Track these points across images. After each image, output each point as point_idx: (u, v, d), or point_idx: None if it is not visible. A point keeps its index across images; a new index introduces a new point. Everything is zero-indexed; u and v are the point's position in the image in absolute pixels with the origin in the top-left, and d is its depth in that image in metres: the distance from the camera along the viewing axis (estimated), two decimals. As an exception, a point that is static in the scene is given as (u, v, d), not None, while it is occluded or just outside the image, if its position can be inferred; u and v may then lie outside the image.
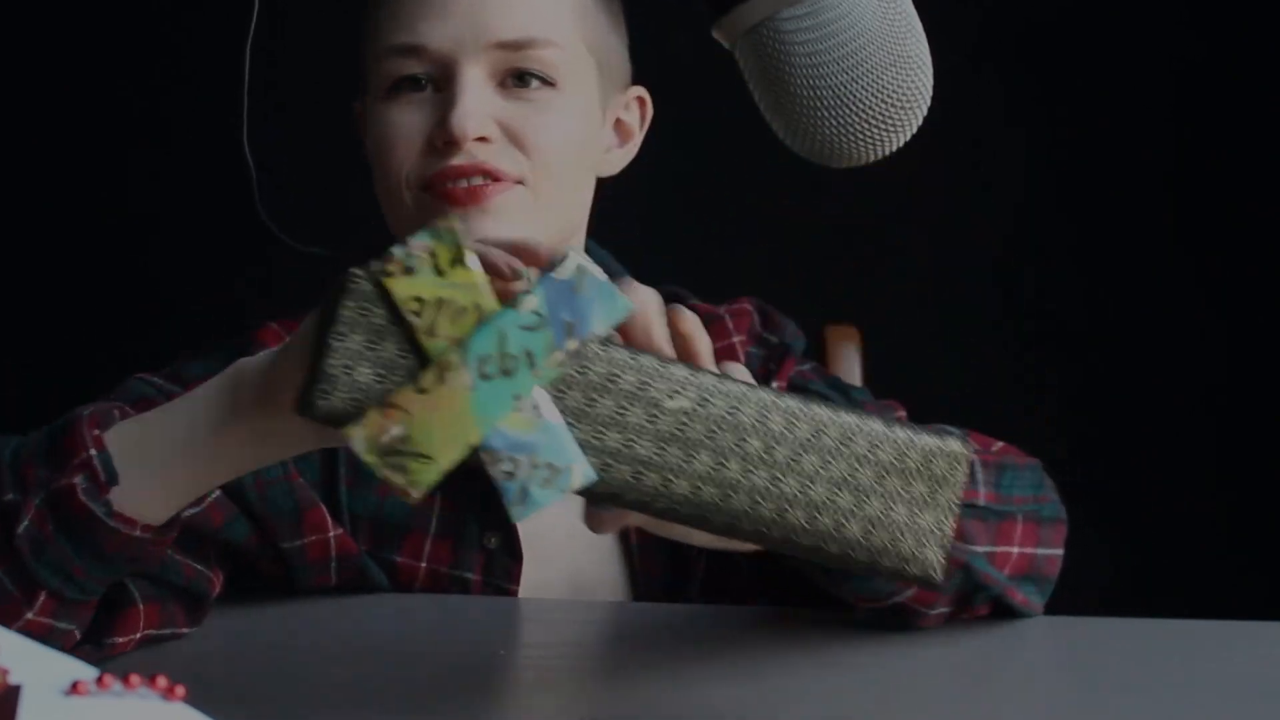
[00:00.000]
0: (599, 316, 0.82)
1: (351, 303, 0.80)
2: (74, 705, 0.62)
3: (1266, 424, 2.23)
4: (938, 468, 0.88)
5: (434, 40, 1.13)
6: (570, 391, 0.83)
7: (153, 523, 0.93)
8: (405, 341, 0.81)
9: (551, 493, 0.81)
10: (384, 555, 1.16)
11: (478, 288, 0.81)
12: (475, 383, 0.80)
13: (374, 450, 0.79)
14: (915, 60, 0.92)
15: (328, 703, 0.97)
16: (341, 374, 0.80)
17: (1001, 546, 1.09)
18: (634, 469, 0.84)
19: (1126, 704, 1.01)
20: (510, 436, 0.80)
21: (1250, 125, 2.22)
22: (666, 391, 0.85)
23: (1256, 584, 2.12)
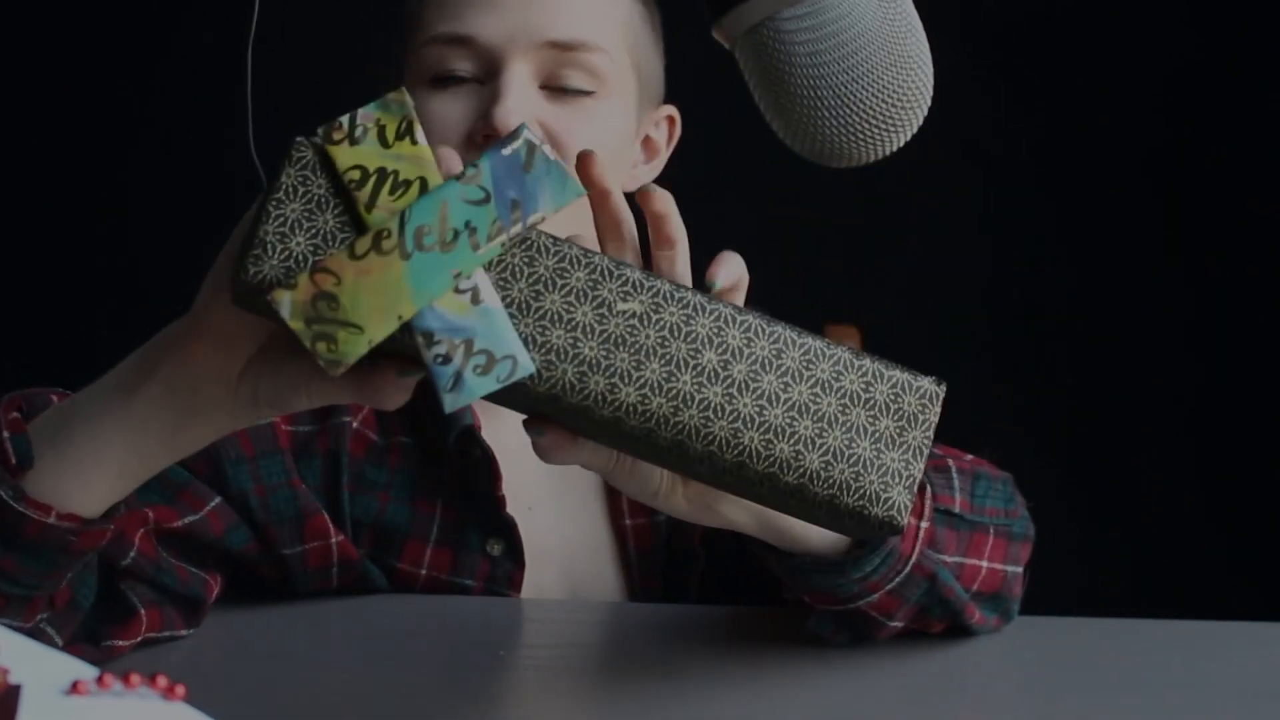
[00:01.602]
0: (547, 197, 0.78)
1: (293, 169, 0.77)
2: (74, 705, 0.62)
3: (1266, 424, 2.24)
4: (908, 404, 0.84)
5: (484, 32, 1.13)
6: (516, 282, 0.79)
7: (79, 512, 0.88)
8: (345, 213, 0.77)
9: (488, 382, 0.76)
10: (385, 561, 1.16)
11: (423, 161, 0.77)
12: (412, 252, 0.75)
13: (301, 316, 0.75)
14: (916, 60, 0.92)
15: (328, 703, 0.97)
16: (277, 241, 0.76)
17: (971, 559, 1.04)
18: (578, 369, 0.80)
19: (1126, 704, 1.01)
20: (447, 318, 0.76)
21: (1247, 123, 2.22)
22: (618, 293, 0.81)
23: (1256, 584, 2.12)
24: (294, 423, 1.14)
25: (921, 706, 1.01)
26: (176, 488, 1.07)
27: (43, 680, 0.62)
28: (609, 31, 1.16)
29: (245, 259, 0.77)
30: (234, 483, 1.09)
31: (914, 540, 1.00)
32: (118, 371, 0.89)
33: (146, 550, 1.03)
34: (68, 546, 0.89)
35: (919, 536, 1.00)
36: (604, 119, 1.15)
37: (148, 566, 1.02)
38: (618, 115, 1.17)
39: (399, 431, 1.17)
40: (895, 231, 2.24)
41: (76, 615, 0.97)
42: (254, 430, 1.11)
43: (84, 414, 0.88)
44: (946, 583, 1.03)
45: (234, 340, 0.84)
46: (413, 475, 1.17)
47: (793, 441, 0.82)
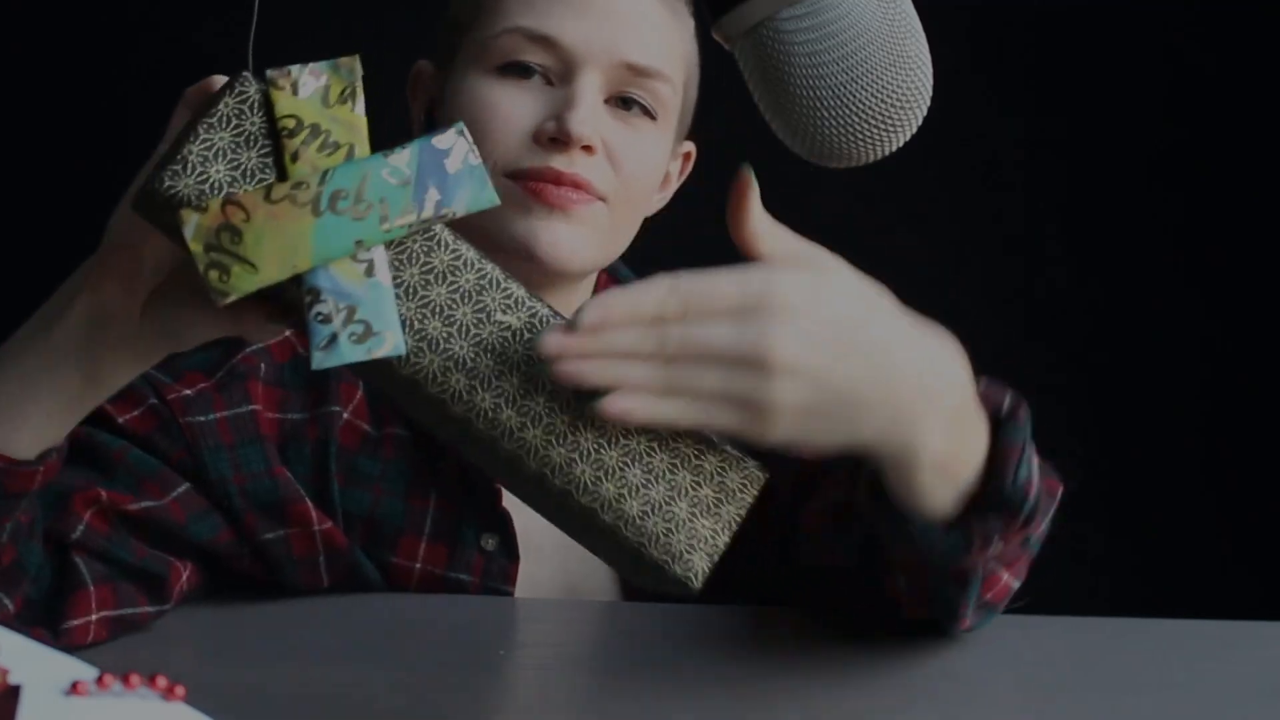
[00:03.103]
0: (463, 197, 0.81)
1: (232, 100, 0.80)
2: (74, 705, 0.62)
3: (1267, 424, 2.23)
4: (731, 481, 0.87)
5: (567, 37, 1.13)
6: (410, 267, 0.82)
7: (12, 454, 0.91)
8: (268, 156, 0.80)
9: (358, 350, 0.79)
10: (378, 555, 1.16)
11: (357, 130, 0.80)
12: (324, 210, 0.78)
13: (202, 240, 0.77)
14: (915, 60, 0.92)
15: (327, 703, 0.97)
16: (198, 162, 0.79)
17: (1003, 569, 1.04)
18: (444, 363, 0.83)
19: (1126, 704, 1.01)
20: (338, 282, 0.79)
21: (1253, 124, 2.22)
22: (500, 304, 0.84)
23: (1256, 584, 2.12)
24: (282, 410, 1.14)
25: (921, 706, 1.01)
26: (139, 476, 1.08)
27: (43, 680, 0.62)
28: (676, 64, 1.17)
29: (164, 170, 0.79)
30: (213, 469, 1.10)
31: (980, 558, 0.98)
32: (37, 315, 0.92)
33: (98, 526, 1.04)
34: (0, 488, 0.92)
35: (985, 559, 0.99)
36: (655, 145, 1.17)
37: (99, 541, 1.04)
38: (666, 144, 1.19)
39: (392, 423, 1.17)
40: (895, 231, 2.23)
41: (22, 580, 0.98)
42: (234, 419, 1.11)
43: (8, 355, 0.92)
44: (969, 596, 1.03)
45: (138, 273, 0.88)
46: (406, 468, 1.17)
47: (619, 485, 0.85)
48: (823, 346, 0.83)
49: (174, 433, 1.10)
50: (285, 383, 1.15)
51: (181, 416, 1.10)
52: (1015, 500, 0.95)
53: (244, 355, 1.14)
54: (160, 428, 1.10)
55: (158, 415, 1.10)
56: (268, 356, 1.15)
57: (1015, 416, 0.96)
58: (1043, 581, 1.14)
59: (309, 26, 1.90)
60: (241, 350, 1.15)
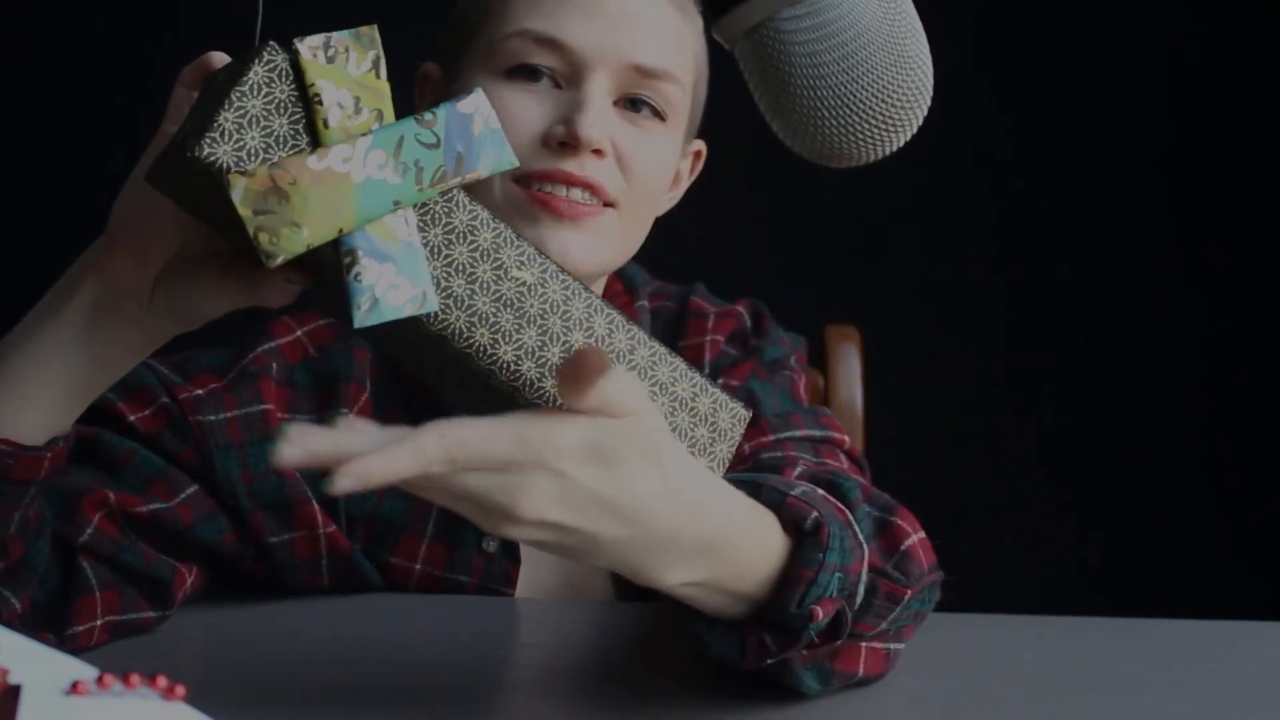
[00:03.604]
0: (486, 159, 0.84)
1: (263, 69, 0.81)
2: (74, 705, 0.62)
3: (1267, 424, 2.24)
4: (722, 420, 0.92)
5: (576, 40, 1.12)
6: (433, 228, 0.85)
7: (19, 439, 0.91)
8: (301, 123, 0.81)
9: (396, 309, 0.81)
10: (379, 556, 1.16)
11: (383, 95, 0.82)
12: (365, 173, 0.81)
13: (251, 204, 0.79)
14: (915, 60, 0.92)
15: (326, 703, 0.97)
16: (233, 129, 0.80)
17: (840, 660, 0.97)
18: (469, 319, 0.86)
19: (1126, 704, 1.01)
20: (375, 242, 0.81)
21: (1255, 125, 2.22)
22: (515, 260, 0.87)
23: (1256, 584, 2.12)
24: (291, 411, 1.14)
25: (921, 706, 1.01)
26: (146, 477, 1.08)
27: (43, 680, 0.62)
28: (685, 64, 1.17)
29: (201, 138, 0.80)
30: (221, 469, 1.10)
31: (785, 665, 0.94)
32: (45, 299, 0.92)
33: (107, 529, 1.04)
34: (8, 472, 0.91)
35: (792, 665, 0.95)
36: (665, 145, 1.16)
37: (107, 545, 1.03)
38: (675, 144, 1.18)
39: (396, 425, 1.17)
40: (895, 231, 2.24)
41: (30, 579, 0.98)
42: (244, 418, 1.11)
43: (16, 340, 0.92)
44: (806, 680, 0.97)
45: (147, 251, 0.89)
46: None
47: None
48: (573, 505, 0.79)
49: (183, 431, 1.10)
50: (295, 383, 1.15)
51: (191, 415, 1.10)
52: (796, 624, 0.90)
53: (255, 355, 1.15)
54: (170, 426, 1.10)
55: (168, 414, 1.10)
56: (279, 357, 1.15)
57: (817, 536, 0.90)
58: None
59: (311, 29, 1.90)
60: (253, 350, 1.15)
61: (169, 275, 0.89)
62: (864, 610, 0.94)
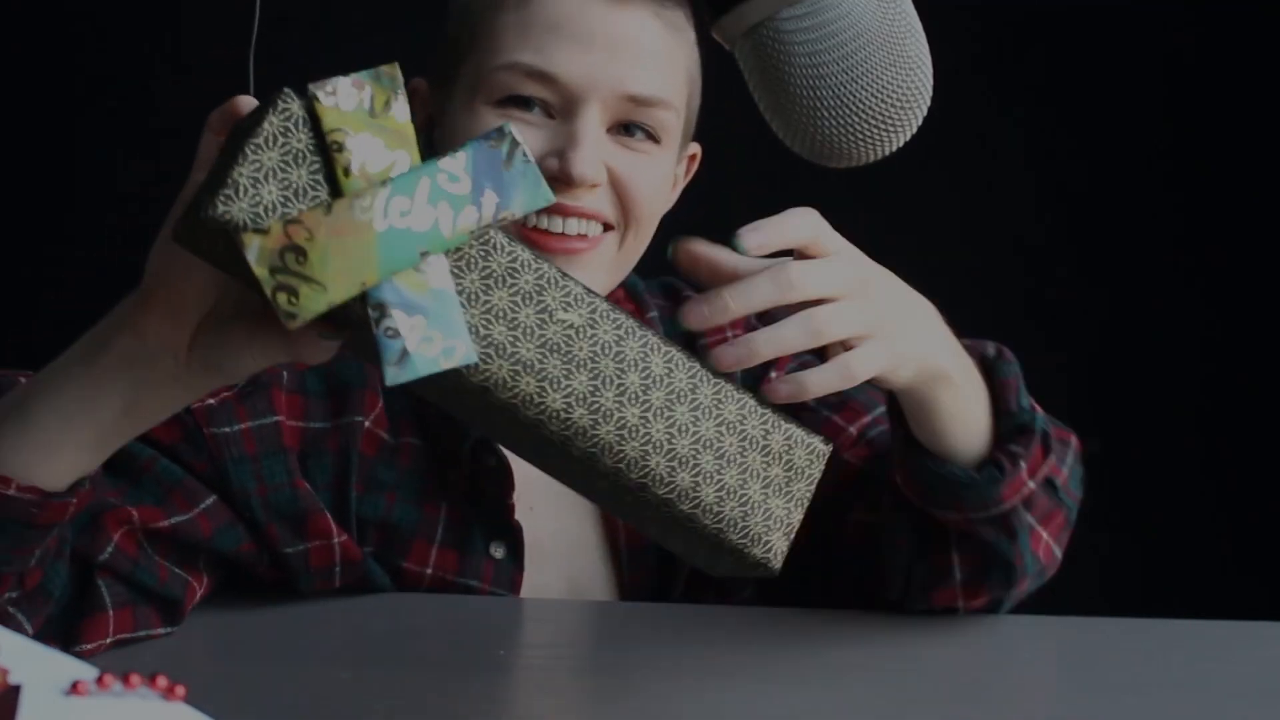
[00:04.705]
0: (520, 198, 0.79)
1: (277, 119, 0.77)
2: (74, 705, 0.62)
3: (1267, 424, 2.23)
4: (798, 458, 0.88)
5: (567, 72, 1.11)
6: (469, 274, 0.81)
7: (42, 485, 0.90)
8: (320, 172, 0.77)
9: (431, 363, 0.77)
10: (390, 560, 1.16)
11: (406, 137, 0.78)
12: (386, 224, 0.76)
13: (267, 263, 0.75)
14: (915, 60, 0.92)
15: (328, 703, 0.97)
16: (249, 185, 0.76)
17: (1043, 526, 1.10)
18: (513, 367, 0.82)
19: (1126, 704, 1.01)
20: (403, 294, 0.77)
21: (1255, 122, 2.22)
22: (561, 302, 0.83)
23: (1256, 584, 2.12)
24: (304, 418, 1.14)
25: (921, 706, 1.01)
26: (167, 487, 1.07)
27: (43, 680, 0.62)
28: (679, 87, 1.16)
29: (215, 196, 0.76)
30: (236, 481, 1.09)
31: (1017, 492, 1.06)
32: (76, 347, 0.90)
33: (126, 547, 1.03)
34: (31, 519, 0.90)
35: (1021, 493, 1.06)
36: (660, 166, 1.16)
37: (125, 563, 1.03)
38: (670, 162, 1.18)
39: (409, 433, 1.17)
40: (896, 232, 2.23)
41: (47, 604, 0.97)
42: (257, 430, 1.11)
43: (44, 389, 0.90)
44: (1021, 547, 1.09)
45: (182, 309, 0.86)
46: (420, 476, 1.17)
47: (693, 473, 0.85)
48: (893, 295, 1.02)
49: (198, 443, 1.09)
50: (307, 390, 1.15)
51: (206, 427, 1.09)
52: (1026, 419, 1.06)
53: None
54: (185, 437, 1.09)
55: (182, 424, 1.09)
56: (288, 364, 1.15)
57: (1002, 356, 1.10)
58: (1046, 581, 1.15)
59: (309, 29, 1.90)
60: None
61: (205, 331, 0.86)
62: (1052, 450, 1.09)
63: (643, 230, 1.16)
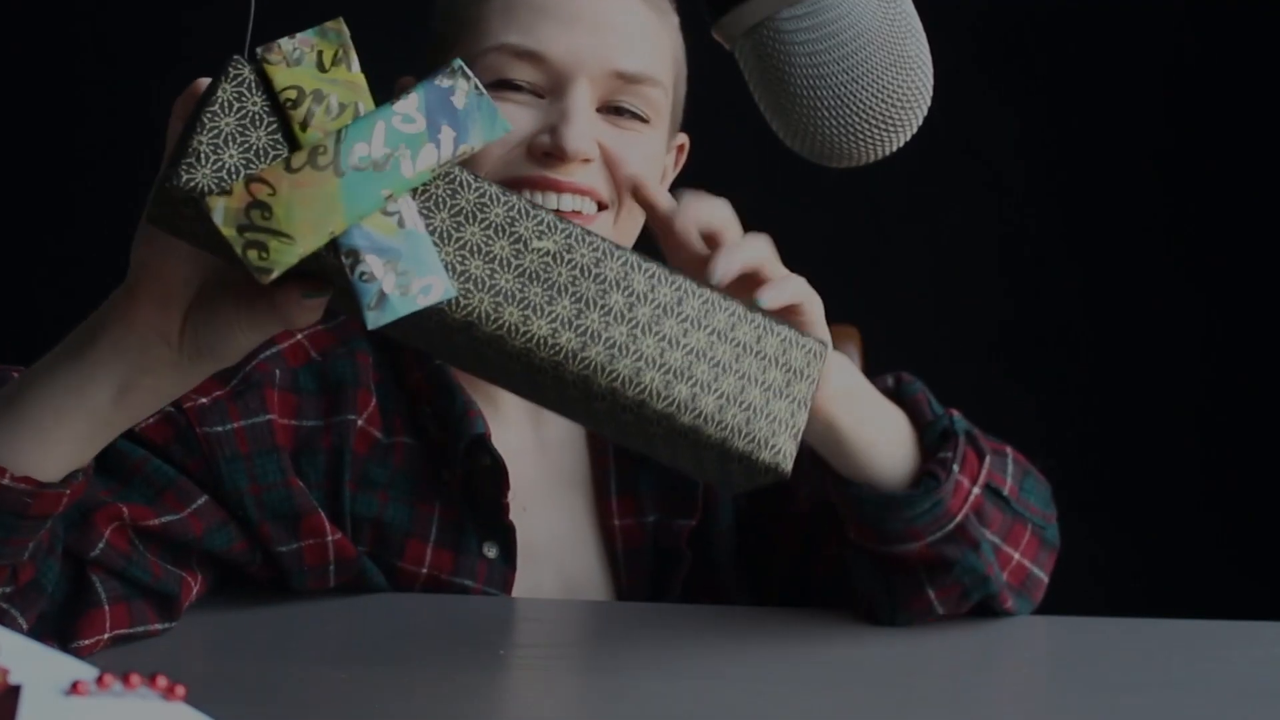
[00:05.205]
0: (477, 131, 0.80)
1: (229, 85, 0.78)
2: (74, 705, 0.62)
3: (1267, 424, 2.23)
4: (795, 359, 0.89)
5: (555, 51, 1.12)
6: (438, 213, 0.82)
7: (36, 476, 0.90)
8: (278, 131, 0.78)
9: (409, 302, 0.78)
10: (385, 559, 1.16)
11: (358, 87, 0.79)
12: (346, 170, 0.77)
13: (234, 223, 0.76)
14: (915, 60, 0.92)
15: (327, 703, 0.97)
16: (210, 151, 0.77)
17: (1008, 545, 1.10)
18: (494, 299, 0.82)
19: (1126, 704, 1.01)
20: (374, 238, 0.78)
21: (1254, 124, 2.22)
22: (534, 231, 0.84)
23: (1256, 584, 2.12)
24: (297, 417, 1.14)
25: (920, 706, 1.01)
26: (159, 487, 1.07)
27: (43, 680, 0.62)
28: (665, 66, 1.17)
29: (178, 167, 0.78)
30: (229, 481, 1.09)
31: (963, 501, 1.07)
32: (68, 339, 0.90)
33: (118, 543, 1.03)
34: (24, 510, 0.90)
35: (969, 500, 1.07)
36: (650, 146, 1.17)
37: (118, 559, 1.03)
38: (659, 144, 1.18)
39: (402, 431, 1.17)
40: (895, 231, 2.24)
41: (40, 599, 0.97)
42: (250, 429, 1.11)
43: (36, 382, 0.90)
44: (987, 558, 1.09)
45: (168, 294, 0.86)
46: (413, 475, 1.17)
47: (690, 384, 0.86)
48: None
49: (191, 442, 1.09)
50: (300, 388, 1.15)
51: (199, 426, 1.09)
52: (944, 424, 1.09)
53: (258, 362, 1.13)
54: (177, 437, 1.09)
55: (174, 424, 1.09)
56: (281, 363, 1.15)
57: (901, 380, 1.13)
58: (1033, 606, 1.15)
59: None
60: (256, 356, 1.14)
61: (195, 314, 0.87)
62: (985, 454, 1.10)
63: (634, 211, 1.16)
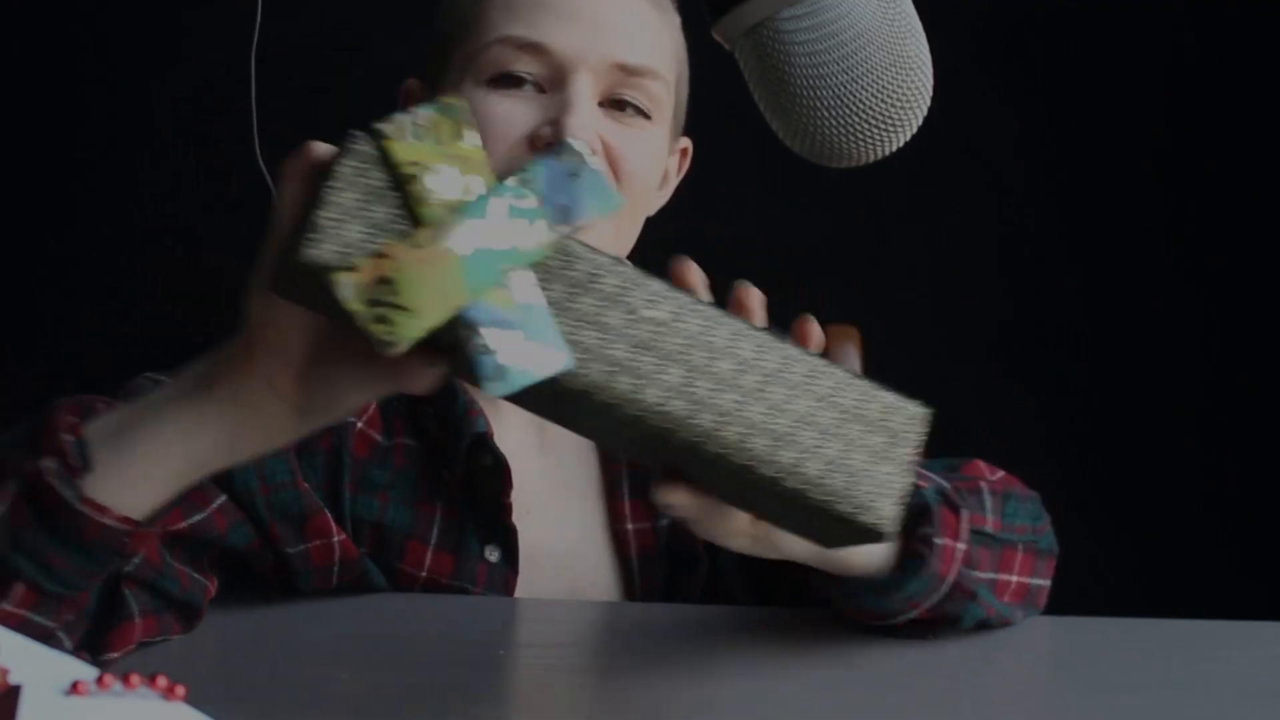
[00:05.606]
0: (592, 205, 0.82)
1: (350, 161, 0.80)
2: (74, 705, 0.62)
3: (1267, 424, 2.23)
4: (896, 423, 0.89)
5: (556, 42, 1.12)
6: (553, 285, 0.83)
7: (132, 514, 0.90)
8: (399, 206, 0.80)
9: (527, 374, 0.79)
10: (385, 562, 1.16)
11: (479, 163, 0.81)
12: (468, 247, 0.79)
13: (360, 297, 0.77)
14: (915, 60, 0.92)
15: (328, 703, 0.97)
16: (331, 226, 0.79)
17: (1002, 574, 1.10)
18: (608, 369, 0.83)
19: (1126, 704, 1.01)
20: (493, 311, 0.79)
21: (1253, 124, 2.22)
22: (645, 300, 0.85)
23: (1256, 584, 2.12)
24: None
25: (921, 706, 1.01)
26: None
27: (43, 680, 0.62)
28: (667, 61, 1.17)
29: (300, 242, 0.79)
30: (239, 481, 1.09)
31: (951, 561, 1.05)
32: (178, 382, 0.90)
33: (150, 556, 1.03)
34: (121, 548, 0.91)
35: (956, 558, 1.06)
36: (652, 143, 1.16)
37: (150, 572, 1.02)
38: (662, 142, 1.18)
39: (402, 433, 1.17)
40: (896, 232, 2.24)
41: (85, 620, 0.97)
42: None
43: (143, 422, 0.90)
44: (986, 601, 1.08)
45: (289, 353, 0.86)
46: (414, 477, 1.17)
47: (796, 449, 0.86)
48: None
49: None
50: None
51: None
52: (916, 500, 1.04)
53: None
54: None
55: None
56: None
57: None
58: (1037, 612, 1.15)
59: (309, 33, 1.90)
60: None
61: (312, 372, 0.87)
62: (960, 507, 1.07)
63: (635, 209, 1.16)
